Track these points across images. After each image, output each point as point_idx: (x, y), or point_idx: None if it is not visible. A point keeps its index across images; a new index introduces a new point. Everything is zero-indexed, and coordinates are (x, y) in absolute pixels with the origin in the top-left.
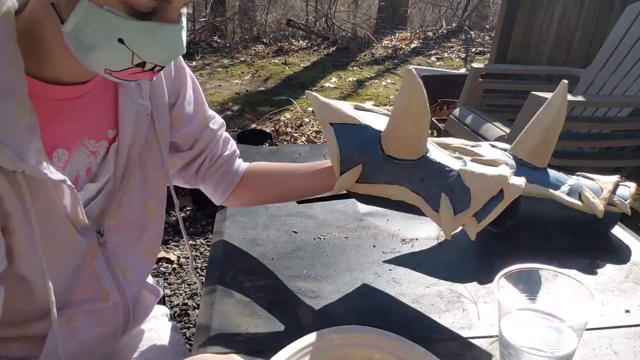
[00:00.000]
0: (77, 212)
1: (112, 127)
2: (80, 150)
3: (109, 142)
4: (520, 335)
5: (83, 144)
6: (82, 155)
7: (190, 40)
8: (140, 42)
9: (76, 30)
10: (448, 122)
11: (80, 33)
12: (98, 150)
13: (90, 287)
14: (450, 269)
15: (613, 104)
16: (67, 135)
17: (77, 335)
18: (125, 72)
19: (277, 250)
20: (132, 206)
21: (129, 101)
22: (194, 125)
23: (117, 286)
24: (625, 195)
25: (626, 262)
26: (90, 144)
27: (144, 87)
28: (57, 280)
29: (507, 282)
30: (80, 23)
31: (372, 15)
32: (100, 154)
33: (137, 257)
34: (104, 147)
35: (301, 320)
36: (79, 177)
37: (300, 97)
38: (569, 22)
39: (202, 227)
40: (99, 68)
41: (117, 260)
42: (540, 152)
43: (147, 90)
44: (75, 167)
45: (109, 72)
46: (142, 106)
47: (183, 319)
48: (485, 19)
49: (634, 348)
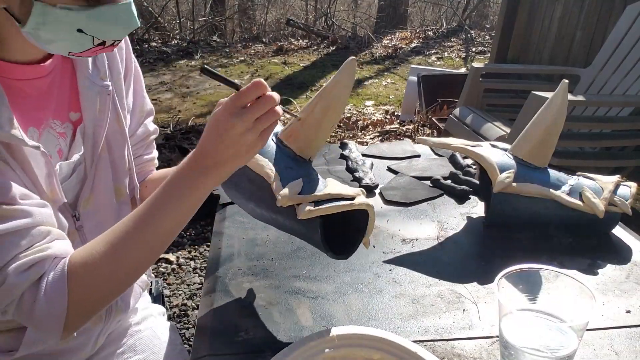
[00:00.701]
0: (53, 184)
1: (74, 109)
2: (47, 131)
3: (74, 125)
4: (520, 336)
5: (49, 125)
6: (50, 136)
7: (189, 39)
8: (97, 27)
9: (36, 29)
10: (448, 122)
11: (40, 32)
12: (65, 131)
13: None
14: (451, 269)
15: (614, 104)
16: (35, 114)
17: None
18: (88, 51)
19: (277, 250)
20: (105, 191)
21: (89, 82)
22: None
23: None
24: (626, 195)
25: (627, 263)
26: (56, 125)
27: (101, 68)
28: None
29: (508, 283)
30: (39, 23)
31: (372, 15)
32: (68, 135)
33: None
34: (70, 129)
35: (301, 320)
36: (52, 158)
37: (300, 97)
38: (570, 21)
39: (202, 227)
40: (63, 52)
41: None
42: (541, 152)
43: (105, 71)
44: (47, 149)
45: (72, 54)
46: (102, 87)
47: (182, 320)
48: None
49: (634, 348)
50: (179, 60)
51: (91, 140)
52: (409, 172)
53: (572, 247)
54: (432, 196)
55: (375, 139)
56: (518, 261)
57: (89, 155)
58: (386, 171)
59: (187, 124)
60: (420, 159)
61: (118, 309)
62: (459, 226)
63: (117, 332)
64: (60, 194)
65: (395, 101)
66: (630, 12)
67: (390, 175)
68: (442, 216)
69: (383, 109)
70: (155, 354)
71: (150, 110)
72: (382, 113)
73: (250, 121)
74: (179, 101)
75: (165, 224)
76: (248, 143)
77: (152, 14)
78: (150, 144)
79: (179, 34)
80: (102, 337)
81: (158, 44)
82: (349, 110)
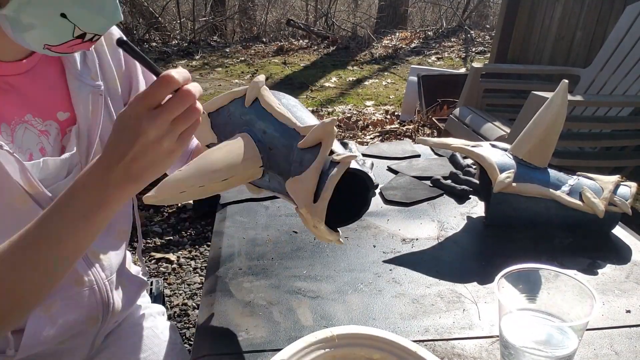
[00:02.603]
0: (29, 179)
1: (64, 109)
2: (24, 127)
3: (61, 125)
4: (520, 336)
5: (26, 121)
6: (29, 133)
7: (190, 39)
8: (82, 14)
9: (18, 11)
10: (448, 122)
11: (22, 14)
12: (47, 129)
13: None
14: (451, 269)
15: (613, 104)
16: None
17: (56, 321)
18: (64, 45)
19: (277, 250)
20: None
21: (79, 83)
22: None
23: (89, 269)
24: (626, 195)
25: (627, 262)
26: (37, 123)
27: (92, 67)
28: None
29: (508, 282)
30: (23, 4)
31: (372, 15)
32: (52, 134)
33: (107, 240)
34: (54, 127)
35: (301, 320)
36: (33, 156)
37: (300, 97)
38: (570, 21)
39: (202, 227)
40: (38, 45)
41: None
42: (541, 152)
43: (96, 71)
44: (26, 145)
45: (48, 47)
46: (94, 87)
47: (183, 319)
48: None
49: (634, 348)
50: (180, 61)
51: (85, 140)
52: (409, 172)
53: (572, 247)
54: (432, 196)
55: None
56: (518, 261)
57: (84, 156)
58: (386, 171)
59: None
60: (420, 159)
61: (115, 309)
62: (459, 226)
63: (117, 332)
64: (40, 187)
65: (396, 101)
66: (630, 12)
67: (390, 175)
68: (442, 216)
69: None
70: (155, 354)
71: None
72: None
73: (165, 125)
74: None
75: (69, 245)
76: (165, 151)
77: (153, 14)
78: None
79: (179, 34)
80: (99, 338)
81: (158, 44)
82: (349, 110)
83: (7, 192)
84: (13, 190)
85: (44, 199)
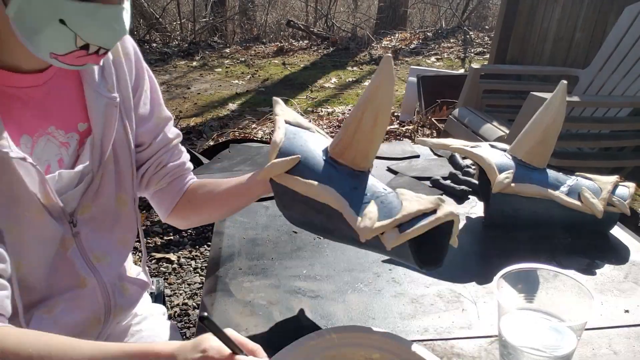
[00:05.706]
0: (47, 191)
1: (84, 120)
2: (46, 139)
3: (81, 135)
4: (519, 335)
5: (49, 133)
6: (51, 145)
7: (190, 40)
8: (81, 23)
9: (19, 12)
10: (448, 123)
11: (23, 16)
12: (69, 141)
13: (68, 277)
14: (450, 269)
15: (612, 105)
16: (30, 123)
17: (58, 322)
18: (70, 55)
19: (277, 250)
20: (107, 199)
21: (96, 94)
22: (148, 127)
23: (92, 271)
24: (624, 196)
25: (625, 262)
26: (60, 135)
27: (109, 80)
28: (36, 269)
29: (507, 282)
30: (23, 5)
31: (371, 16)
32: (72, 145)
33: (110, 246)
34: (75, 139)
35: (301, 320)
36: (51, 168)
37: (300, 97)
38: (569, 22)
39: (202, 227)
40: (44, 52)
41: (91, 248)
42: (540, 153)
43: (113, 83)
44: (45, 157)
45: (55, 56)
46: (110, 99)
47: (183, 319)
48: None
49: (633, 348)
50: (180, 61)
51: (99, 150)
52: (408, 172)
53: (570, 247)
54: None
55: None
56: (517, 261)
57: (96, 166)
58: (386, 171)
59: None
60: (420, 160)
61: (117, 310)
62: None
63: (118, 333)
64: (55, 199)
65: (395, 102)
66: (629, 13)
67: (390, 175)
68: None
69: None
70: None
71: (167, 117)
72: None
73: None
74: (180, 102)
75: None
76: None
77: (153, 15)
78: (174, 149)
79: (179, 34)
80: (102, 339)
81: (159, 44)
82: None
83: (23, 202)
84: (29, 201)
85: (56, 209)
